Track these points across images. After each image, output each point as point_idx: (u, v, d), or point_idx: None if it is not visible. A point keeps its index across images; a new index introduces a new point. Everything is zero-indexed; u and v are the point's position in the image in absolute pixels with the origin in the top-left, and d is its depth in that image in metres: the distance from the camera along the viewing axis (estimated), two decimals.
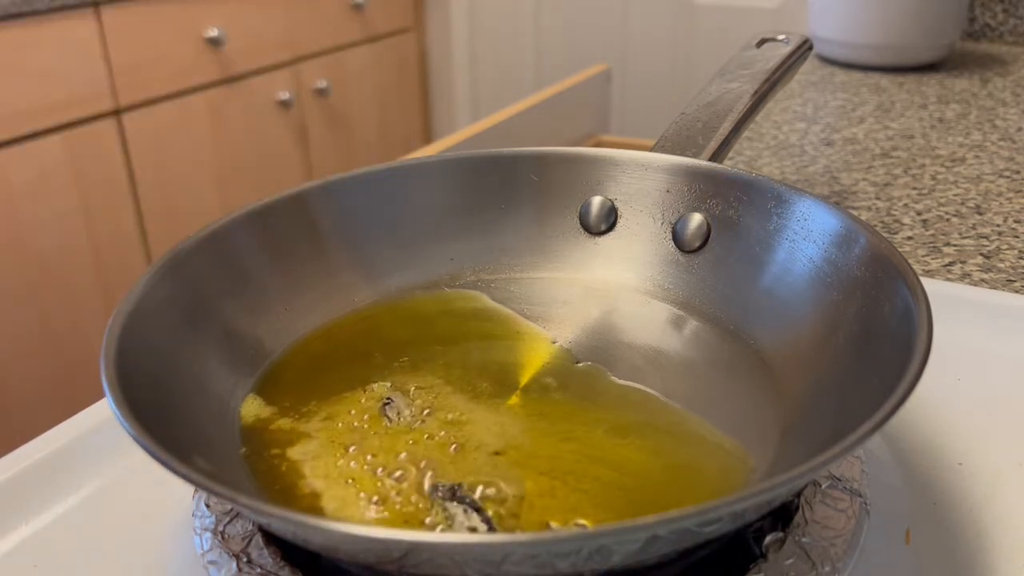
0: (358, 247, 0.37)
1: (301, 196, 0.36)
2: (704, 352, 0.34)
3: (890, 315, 0.27)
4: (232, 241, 0.34)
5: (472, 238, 0.39)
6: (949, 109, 0.78)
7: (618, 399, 0.31)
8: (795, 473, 0.20)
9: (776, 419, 0.29)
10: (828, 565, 0.25)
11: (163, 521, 0.30)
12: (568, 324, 0.35)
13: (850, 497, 0.27)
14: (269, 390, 0.32)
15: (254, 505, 0.22)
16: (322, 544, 0.23)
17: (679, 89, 1.74)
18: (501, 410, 0.30)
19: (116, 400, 0.24)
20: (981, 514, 0.29)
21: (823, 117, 0.78)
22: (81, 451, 0.34)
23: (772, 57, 0.46)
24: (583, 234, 0.39)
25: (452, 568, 0.21)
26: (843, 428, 0.22)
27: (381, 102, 1.90)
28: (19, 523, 0.31)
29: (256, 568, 0.25)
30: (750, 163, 0.68)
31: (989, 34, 1.03)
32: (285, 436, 0.29)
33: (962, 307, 0.40)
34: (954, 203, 0.58)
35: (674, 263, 0.37)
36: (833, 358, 0.29)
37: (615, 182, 0.39)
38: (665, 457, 0.28)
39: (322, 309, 0.36)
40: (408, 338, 0.35)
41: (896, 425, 0.34)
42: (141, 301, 0.29)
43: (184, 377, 0.29)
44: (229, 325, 0.33)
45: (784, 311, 0.33)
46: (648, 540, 0.20)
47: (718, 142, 0.40)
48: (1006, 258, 0.50)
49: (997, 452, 0.32)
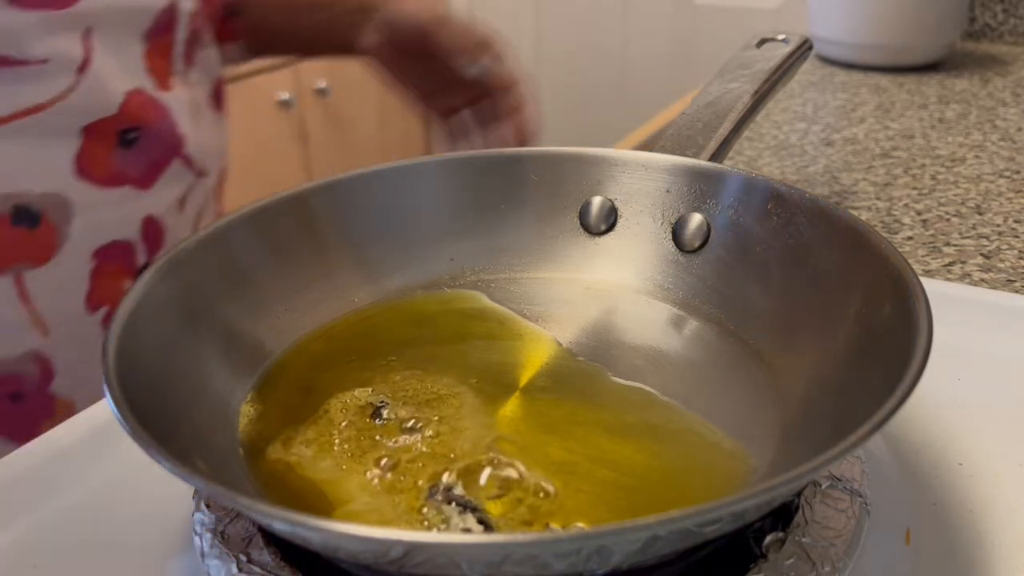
0: (358, 247, 0.37)
1: (301, 196, 0.36)
2: (704, 352, 0.34)
3: (890, 315, 0.27)
4: (232, 241, 0.34)
5: (472, 238, 0.39)
6: (949, 109, 0.78)
7: (618, 399, 0.31)
8: (795, 473, 0.20)
9: (776, 419, 0.29)
10: (828, 565, 0.25)
11: (163, 521, 0.30)
12: (568, 324, 0.35)
13: (850, 497, 0.27)
14: (269, 390, 0.32)
15: (254, 505, 0.22)
16: (322, 544, 0.23)
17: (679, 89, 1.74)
18: (500, 410, 0.30)
19: (116, 400, 0.24)
20: (981, 514, 0.29)
21: (823, 117, 0.78)
22: (81, 451, 0.34)
23: (772, 57, 0.46)
24: (583, 234, 0.39)
25: (452, 568, 0.21)
26: (843, 428, 0.22)
27: (381, 102, 1.89)
28: (19, 522, 0.31)
29: (256, 568, 0.25)
30: (750, 163, 0.68)
31: (989, 34, 1.03)
32: (285, 436, 0.29)
33: (962, 307, 0.40)
34: (954, 203, 0.58)
35: (674, 263, 0.37)
36: (833, 358, 0.29)
37: (615, 182, 0.39)
38: (665, 457, 0.28)
39: (322, 309, 0.36)
40: (408, 338, 0.35)
41: (896, 425, 0.34)
42: (141, 301, 0.29)
43: (184, 377, 0.29)
44: (229, 325, 0.33)
45: (784, 311, 0.33)
46: (648, 540, 0.20)
47: (718, 142, 0.40)
48: (1006, 258, 0.50)
49: (997, 452, 0.32)
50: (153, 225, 0.54)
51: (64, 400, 0.51)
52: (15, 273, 0.48)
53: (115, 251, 0.52)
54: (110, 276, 0.52)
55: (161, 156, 0.54)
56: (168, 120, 0.54)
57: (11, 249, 0.48)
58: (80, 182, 0.49)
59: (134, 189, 0.52)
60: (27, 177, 0.48)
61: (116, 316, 0.27)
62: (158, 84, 0.53)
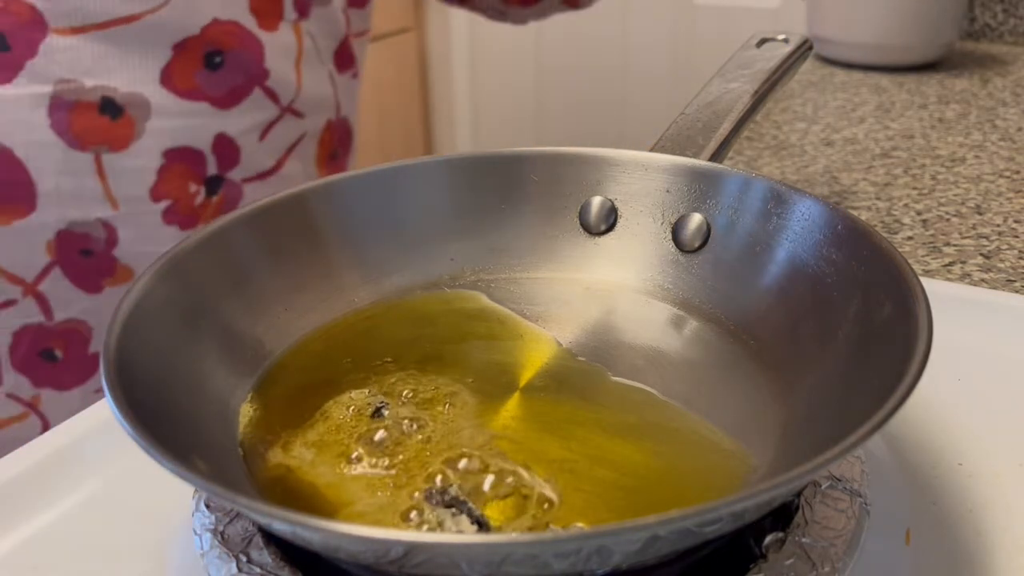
0: (358, 247, 0.37)
1: (301, 196, 0.36)
2: (704, 352, 0.34)
3: (890, 315, 0.27)
4: (232, 241, 0.34)
5: (472, 238, 0.39)
6: (949, 109, 0.78)
7: (618, 399, 0.31)
8: (795, 473, 0.20)
9: (776, 419, 0.29)
10: (828, 565, 0.25)
11: (163, 521, 0.30)
12: (568, 324, 0.35)
13: (850, 497, 0.27)
14: (269, 390, 0.32)
15: (254, 505, 0.22)
16: (322, 544, 0.23)
17: (679, 89, 1.74)
18: (500, 410, 0.30)
19: (116, 400, 0.24)
20: (981, 514, 0.29)
21: (823, 117, 0.78)
22: (81, 451, 0.34)
23: (772, 57, 0.46)
24: (583, 234, 0.39)
25: (452, 568, 0.21)
26: (843, 428, 0.22)
27: (381, 102, 1.89)
28: (19, 523, 0.31)
29: (256, 568, 0.25)
30: (750, 163, 0.68)
31: (989, 34, 1.03)
32: (284, 436, 0.29)
33: (962, 307, 0.40)
34: (954, 203, 0.58)
35: (674, 263, 0.37)
36: (833, 358, 0.29)
37: (615, 182, 0.39)
38: (665, 457, 0.28)
39: (322, 309, 0.36)
40: (408, 338, 0.35)
41: (896, 425, 0.34)
42: (141, 301, 0.29)
43: (184, 377, 0.29)
44: (229, 325, 0.33)
45: (784, 311, 0.33)
46: (648, 540, 0.20)
47: (718, 142, 0.40)
48: (1006, 258, 0.50)
49: (997, 452, 0.32)
50: (226, 142, 0.60)
51: (124, 266, 0.59)
52: (96, 152, 0.56)
53: (184, 155, 0.58)
54: (176, 175, 0.58)
55: (243, 82, 0.59)
56: (256, 52, 0.59)
57: (95, 133, 0.55)
58: (163, 89, 0.56)
59: (212, 107, 0.58)
60: (118, 76, 0.55)
61: (116, 316, 0.27)
62: (260, 23, 0.59)
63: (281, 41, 0.61)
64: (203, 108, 0.58)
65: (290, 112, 0.63)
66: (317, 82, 0.65)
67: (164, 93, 0.57)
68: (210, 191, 0.60)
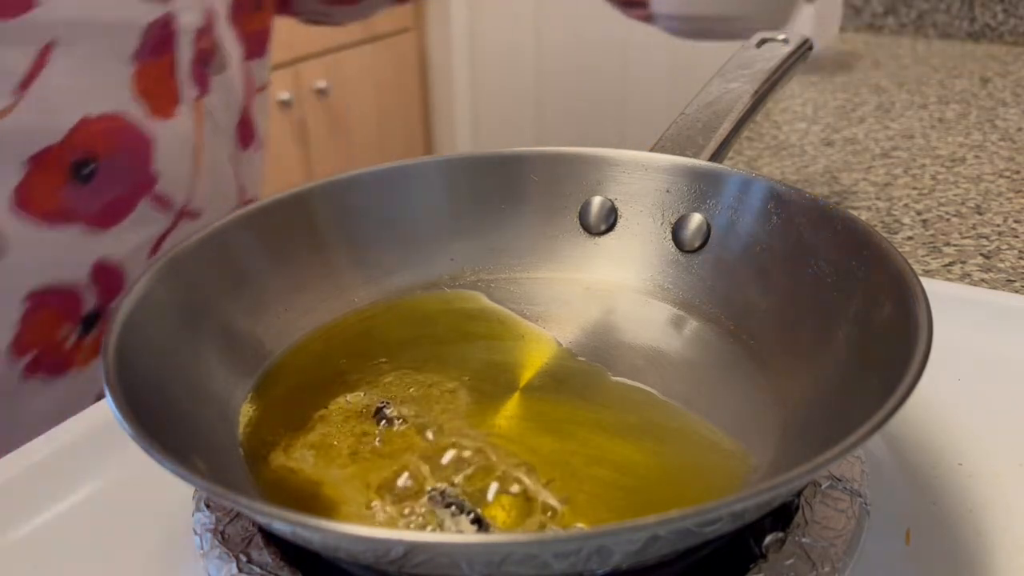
0: (358, 247, 0.37)
1: (301, 196, 0.36)
2: (704, 352, 0.34)
3: (890, 315, 0.27)
4: (232, 241, 0.34)
5: (472, 238, 0.39)
6: (949, 109, 0.78)
7: (618, 399, 0.31)
8: (795, 473, 0.20)
9: (776, 419, 0.29)
10: (828, 565, 0.25)
11: (163, 521, 0.30)
12: (568, 324, 0.35)
13: (850, 497, 0.27)
14: (269, 390, 0.32)
15: (254, 505, 0.22)
16: (322, 544, 0.23)
17: (679, 89, 1.74)
18: (500, 410, 0.30)
19: (116, 400, 0.24)
20: (981, 514, 0.29)
21: (823, 117, 0.78)
22: (81, 451, 0.34)
23: (772, 57, 0.46)
24: (583, 234, 0.39)
25: (452, 568, 0.21)
26: (843, 428, 0.22)
27: (381, 102, 1.89)
28: (19, 523, 0.31)
29: (256, 568, 0.25)
30: (750, 163, 0.68)
31: (989, 34, 1.03)
32: (284, 437, 0.29)
33: (962, 307, 0.40)
34: (954, 203, 0.58)
35: (674, 263, 0.37)
36: (833, 358, 0.29)
37: (615, 182, 0.39)
38: (665, 457, 0.28)
39: (322, 309, 0.36)
40: (408, 338, 0.35)
41: (896, 425, 0.34)
42: (141, 301, 0.29)
43: (184, 377, 0.29)
44: (229, 325, 0.33)
45: (784, 311, 0.33)
46: (648, 540, 0.20)
47: (718, 142, 0.40)
48: (1006, 258, 0.50)
49: (997, 452, 0.32)
50: (108, 270, 0.48)
51: None
52: None
53: (53, 296, 0.46)
54: (44, 323, 0.46)
55: (125, 194, 0.47)
56: (142, 153, 0.47)
57: None
58: (18, 215, 0.44)
59: (86, 228, 0.46)
60: None
61: (116, 316, 0.27)
62: (152, 110, 0.47)
63: (177, 131, 0.49)
64: (73, 233, 0.45)
65: (186, 216, 0.51)
66: (217, 171, 0.53)
67: (20, 220, 0.43)
68: (86, 329, 0.48)
